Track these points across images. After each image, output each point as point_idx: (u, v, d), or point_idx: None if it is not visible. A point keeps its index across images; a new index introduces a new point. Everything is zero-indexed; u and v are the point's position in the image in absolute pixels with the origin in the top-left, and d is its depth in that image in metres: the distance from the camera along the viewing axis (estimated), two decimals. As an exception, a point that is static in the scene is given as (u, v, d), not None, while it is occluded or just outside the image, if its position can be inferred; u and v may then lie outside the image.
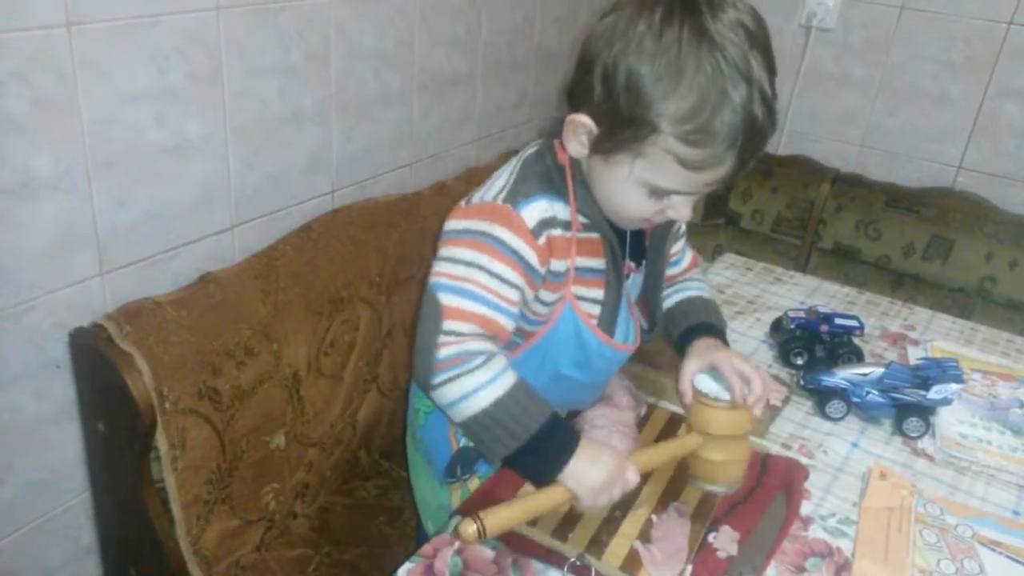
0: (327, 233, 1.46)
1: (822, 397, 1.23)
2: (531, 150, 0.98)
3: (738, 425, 0.98)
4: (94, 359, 1.15)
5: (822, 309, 1.38)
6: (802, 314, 1.38)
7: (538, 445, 0.88)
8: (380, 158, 1.64)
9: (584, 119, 0.86)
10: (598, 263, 0.98)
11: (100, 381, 1.16)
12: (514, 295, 0.91)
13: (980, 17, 2.02)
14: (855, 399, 1.21)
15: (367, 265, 1.49)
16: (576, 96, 0.88)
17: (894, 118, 2.20)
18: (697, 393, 1.00)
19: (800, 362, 1.34)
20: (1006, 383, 1.35)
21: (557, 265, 0.94)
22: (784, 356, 1.36)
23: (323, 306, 1.40)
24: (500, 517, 0.87)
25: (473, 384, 0.88)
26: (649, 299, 1.09)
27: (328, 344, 1.43)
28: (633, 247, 1.03)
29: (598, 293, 0.99)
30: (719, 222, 2.39)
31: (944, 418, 1.23)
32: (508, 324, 0.92)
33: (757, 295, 1.62)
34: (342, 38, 1.44)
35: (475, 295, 0.89)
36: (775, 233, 2.31)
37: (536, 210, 0.91)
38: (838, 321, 1.36)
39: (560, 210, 0.93)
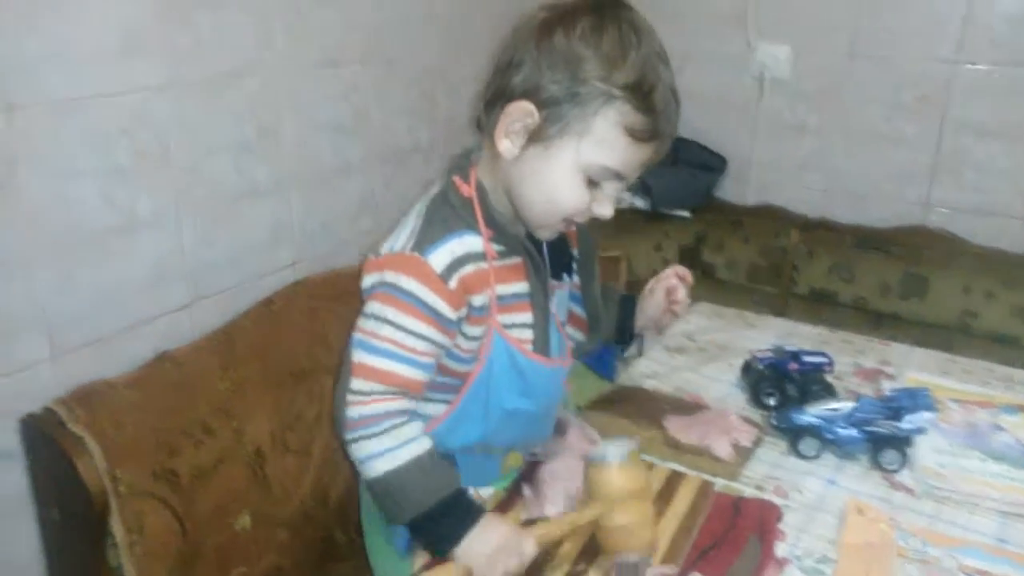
0: (288, 305, 1.45)
1: (795, 436, 1.20)
2: (434, 191, 0.99)
3: (633, 479, 0.91)
4: (45, 445, 1.12)
5: (789, 348, 1.36)
6: (770, 354, 1.36)
7: (429, 523, 0.89)
8: (343, 229, 1.65)
9: (526, 105, 0.87)
10: (521, 287, 0.98)
11: (52, 468, 1.13)
12: (422, 346, 0.91)
13: (926, 58, 2.07)
14: (828, 436, 1.19)
15: (329, 334, 1.47)
16: (505, 95, 0.90)
17: (853, 161, 2.23)
18: (588, 461, 0.95)
19: (772, 402, 1.31)
20: (985, 410, 1.32)
21: (477, 300, 0.94)
22: (756, 398, 1.33)
23: (285, 379, 1.38)
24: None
25: (373, 449, 0.89)
26: (590, 312, 1.10)
27: (293, 418, 1.40)
28: (554, 264, 1.04)
29: (526, 317, 0.99)
30: (695, 274, 2.38)
31: (922, 449, 1.20)
32: (418, 376, 0.92)
33: (729, 340, 1.61)
34: (295, 112, 1.46)
35: (381, 350, 0.90)
36: (751, 283, 2.31)
37: (444, 253, 0.91)
38: (806, 358, 1.34)
39: (473, 243, 0.93)
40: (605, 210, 0.93)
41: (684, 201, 2.26)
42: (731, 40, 2.26)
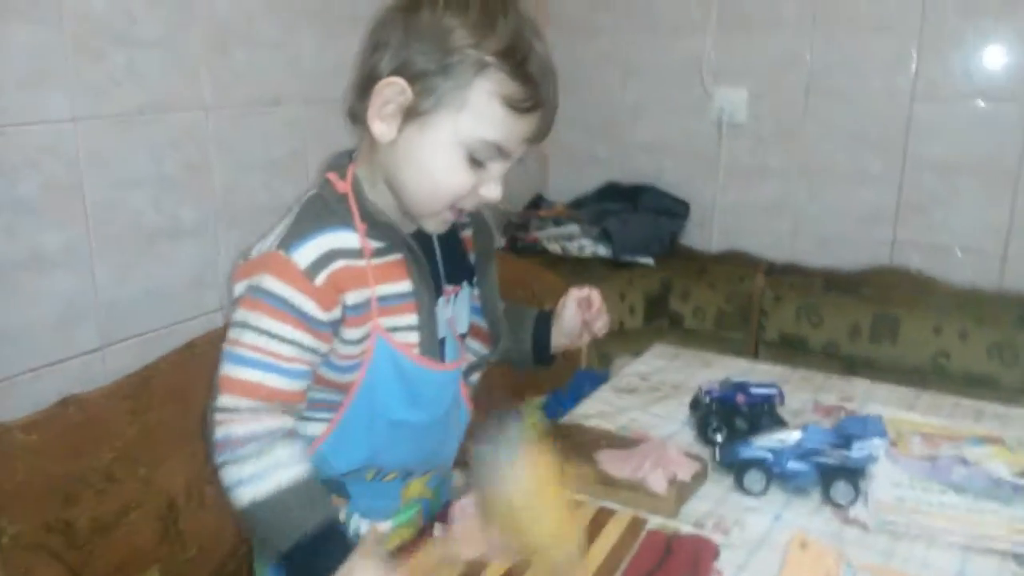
0: (212, 349, 1.36)
1: (740, 470, 1.11)
2: (310, 193, 0.93)
3: (532, 472, 0.77)
4: (-74, 493, 1.04)
5: (736, 379, 1.28)
6: (716, 386, 1.28)
7: (302, 559, 0.80)
8: (280, 273, 1.59)
9: (396, 81, 0.83)
10: (404, 286, 0.91)
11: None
12: (290, 351, 0.84)
13: (884, 94, 2.05)
14: (775, 469, 1.10)
15: (255, 378, 1.40)
16: (374, 76, 0.85)
17: (818, 202, 2.19)
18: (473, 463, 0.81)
19: (719, 438, 1.23)
20: (950, 443, 1.23)
21: (353, 298, 0.87)
22: (703, 433, 1.25)
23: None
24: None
25: (237, 476, 0.81)
26: (489, 320, 1.04)
27: (212, 470, 1.31)
28: (450, 269, 0.98)
29: (411, 319, 0.91)
30: (663, 323, 2.32)
31: (878, 482, 1.10)
32: (289, 386, 0.84)
33: (684, 380, 1.52)
34: (225, 149, 1.43)
35: (246, 359, 0.83)
36: (719, 330, 2.24)
37: (310, 249, 0.85)
38: (754, 390, 1.26)
39: (347, 239, 0.87)
40: (492, 192, 0.88)
41: (647, 248, 2.21)
42: (688, 87, 2.25)
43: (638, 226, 2.19)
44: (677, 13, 2.23)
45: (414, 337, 0.91)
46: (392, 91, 0.84)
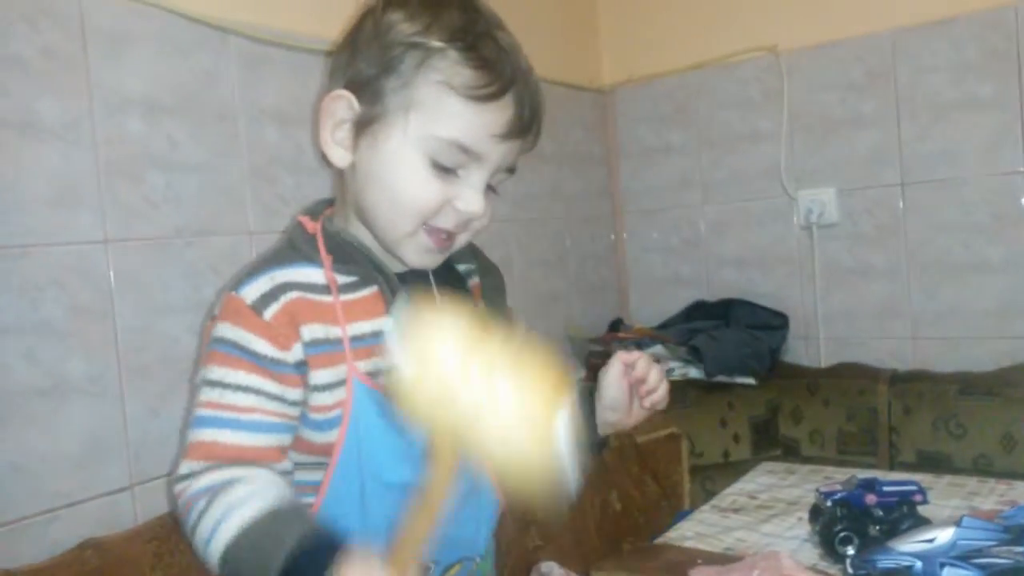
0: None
1: (882, 584, 0.86)
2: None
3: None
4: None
5: (862, 475, 1.04)
6: (838, 487, 1.04)
7: None
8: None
9: (342, 93, 0.76)
10: (383, 323, 0.77)
11: None
12: (246, 400, 0.72)
13: (992, 173, 1.85)
14: (930, 579, 0.84)
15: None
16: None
17: (937, 300, 1.94)
18: None
19: (850, 550, 0.97)
20: None
21: (312, 332, 0.74)
22: (828, 545, 1.00)
23: (237, 570, 1.13)
24: None
25: (204, 532, 0.68)
26: None
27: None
28: None
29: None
30: (776, 454, 2.04)
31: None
32: (252, 440, 0.72)
33: (800, 496, 1.27)
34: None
35: (201, 419, 0.72)
36: (844, 454, 1.94)
37: (260, 283, 0.75)
38: (887, 488, 1.01)
39: (309, 274, 0.77)
40: (470, 204, 0.76)
41: (745, 367, 1.98)
42: (770, 194, 2.11)
43: (732, 343, 1.98)
44: (746, 124, 2.14)
45: None
46: (339, 105, 0.77)
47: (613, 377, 0.88)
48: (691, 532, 1.15)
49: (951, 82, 1.88)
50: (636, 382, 0.87)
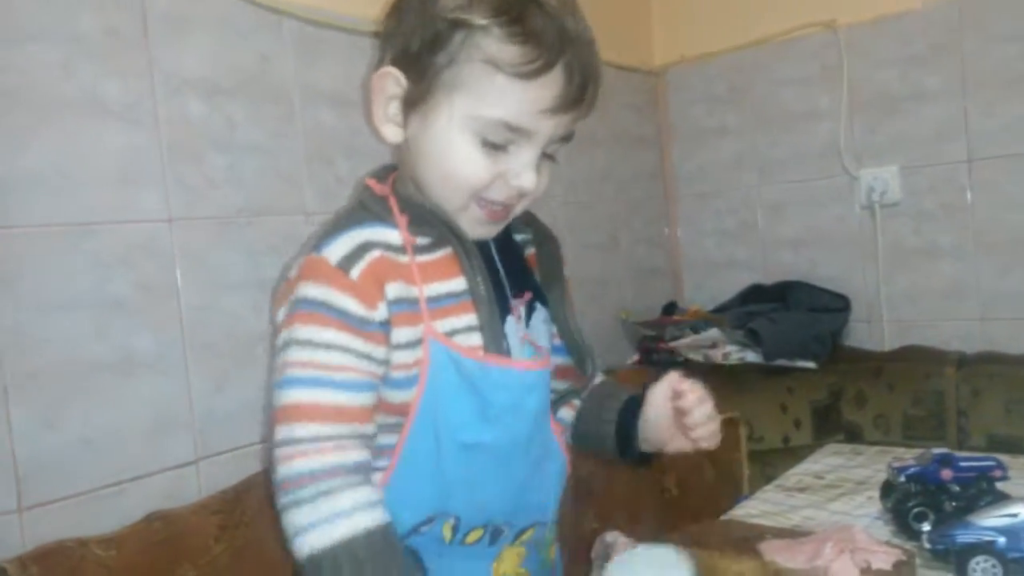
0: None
1: (962, 558, 0.83)
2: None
3: None
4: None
5: (937, 450, 1.00)
6: (911, 462, 1.00)
7: None
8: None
9: (389, 69, 0.75)
10: (457, 284, 0.78)
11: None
12: (339, 358, 0.71)
13: (1067, 146, 1.78)
14: (1013, 554, 0.81)
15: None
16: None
17: (1009, 279, 1.87)
18: None
19: (925, 527, 0.94)
20: None
21: (396, 290, 0.74)
22: (902, 523, 0.96)
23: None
24: None
25: (298, 522, 0.69)
26: (569, 343, 0.87)
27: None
28: (513, 284, 0.84)
29: (470, 319, 0.77)
30: (838, 439, 1.99)
31: None
32: (348, 400, 0.71)
33: (869, 476, 1.24)
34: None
35: (291, 380, 0.71)
36: (910, 439, 1.88)
37: (342, 243, 0.75)
38: (964, 464, 0.97)
39: (385, 234, 0.77)
40: (523, 181, 0.75)
41: (805, 350, 1.93)
42: (829, 173, 2.06)
43: (791, 325, 1.93)
44: (803, 102, 2.09)
45: (476, 339, 0.76)
46: (388, 82, 0.76)
47: (657, 396, 0.85)
48: (756, 511, 1.12)
49: (1022, 53, 1.81)
50: (679, 413, 0.83)
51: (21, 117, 1.03)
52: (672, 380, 0.84)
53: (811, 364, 1.93)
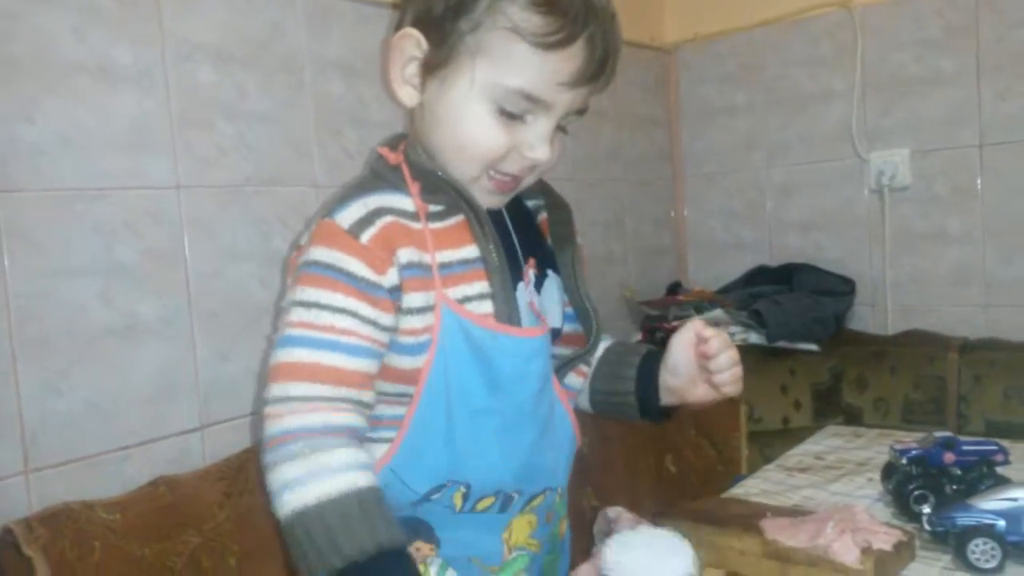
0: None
1: (961, 541, 0.83)
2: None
3: None
4: (-3, 571, 0.95)
5: (940, 433, 1.01)
6: (913, 444, 1.01)
7: None
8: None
9: (411, 31, 0.75)
10: (469, 251, 0.78)
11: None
12: (344, 322, 0.71)
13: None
14: (1012, 538, 0.81)
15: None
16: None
17: (1014, 267, 1.86)
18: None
19: (926, 509, 0.95)
20: None
21: (408, 255, 0.74)
22: (903, 505, 0.97)
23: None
24: None
25: (282, 477, 0.68)
26: (578, 307, 0.87)
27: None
28: (526, 250, 0.84)
29: (482, 286, 0.77)
30: (837, 422, 1.99)
31: None
32: (348, 363, 0.71)
33: (869, 457, 1.24)
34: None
35: (293, 339, 0.71)
36: (909, 423, 1.89)
37: (354, 208, 0.75)
38: (966, 447, 0.98)
39: (398, 200, 0.77)
40: (537, 152, 0.75)
41: (809, 332, 1.93)
42: (839, 155, 2.05)
43: (795, 307, 1.93)
44: (816, 83, 2.07)
45: (488, 306, 0.77)
46: (408, 44, 0.76)
47: (681, 342, 0.85)
48: (756, 489, 1.13)
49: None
50: (704, 357, 0.83)
51: (31, 83, 1.02)
52: (696, 326, 0.84)
53: (813, 347, 1.94)
